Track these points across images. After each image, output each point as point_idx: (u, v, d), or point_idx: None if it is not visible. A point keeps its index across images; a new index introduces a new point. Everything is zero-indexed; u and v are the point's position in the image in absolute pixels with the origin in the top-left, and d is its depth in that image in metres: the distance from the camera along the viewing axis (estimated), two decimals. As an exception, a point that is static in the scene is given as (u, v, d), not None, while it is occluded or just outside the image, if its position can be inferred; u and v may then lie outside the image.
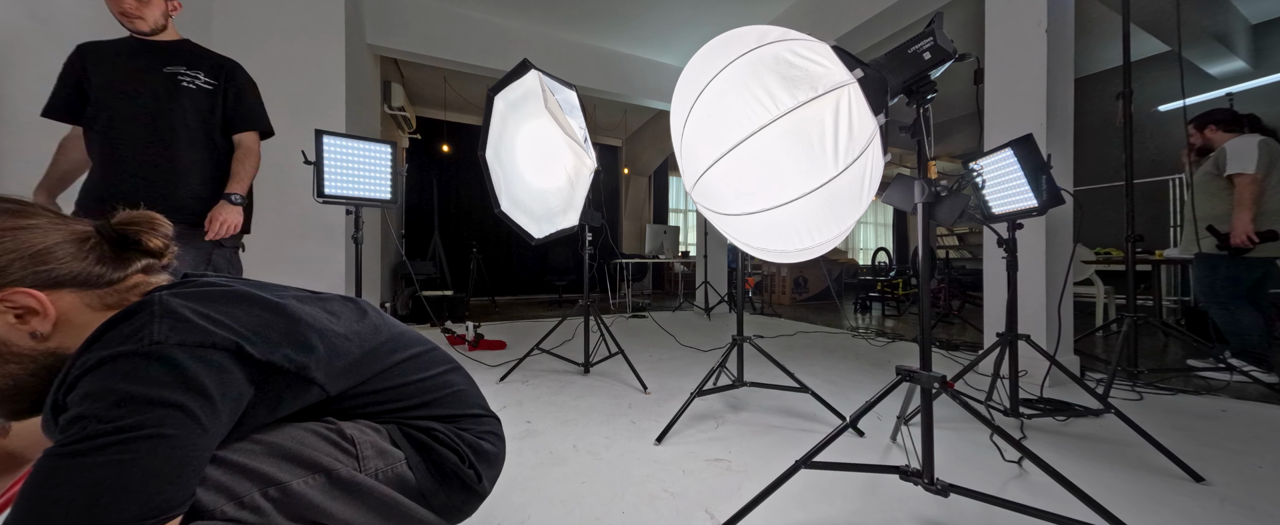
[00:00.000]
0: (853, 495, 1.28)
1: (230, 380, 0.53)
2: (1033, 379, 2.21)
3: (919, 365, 1.15)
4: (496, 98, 2.26)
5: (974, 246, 8.29)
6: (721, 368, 1.92)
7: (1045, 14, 2.37)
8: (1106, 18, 4.59)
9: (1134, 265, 2.29)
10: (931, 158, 1.09)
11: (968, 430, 1.73)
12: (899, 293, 5.71)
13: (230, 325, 0.55)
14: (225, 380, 0.53)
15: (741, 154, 1.05)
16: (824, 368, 2.77)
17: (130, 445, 0.46)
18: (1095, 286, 3.91)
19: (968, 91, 6.03)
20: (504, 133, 2.34)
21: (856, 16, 3.55)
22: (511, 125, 2.34)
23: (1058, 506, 1.04)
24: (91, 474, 0.44)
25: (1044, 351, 1.68)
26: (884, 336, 3.89)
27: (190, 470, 0.49)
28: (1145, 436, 1.47)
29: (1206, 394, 2.20)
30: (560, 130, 2.13)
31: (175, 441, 0.48)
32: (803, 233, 1.12)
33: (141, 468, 0.46)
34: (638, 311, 5.62)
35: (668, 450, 1.59)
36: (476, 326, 3.42)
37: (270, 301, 0.61)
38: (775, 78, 0.99)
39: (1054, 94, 2.39)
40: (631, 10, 4.34)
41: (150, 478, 0.46)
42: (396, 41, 4.14)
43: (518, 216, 2.35)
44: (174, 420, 0.48)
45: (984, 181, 1.70)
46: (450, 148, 6.84)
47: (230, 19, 2.96)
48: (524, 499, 1.28)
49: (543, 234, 2.42)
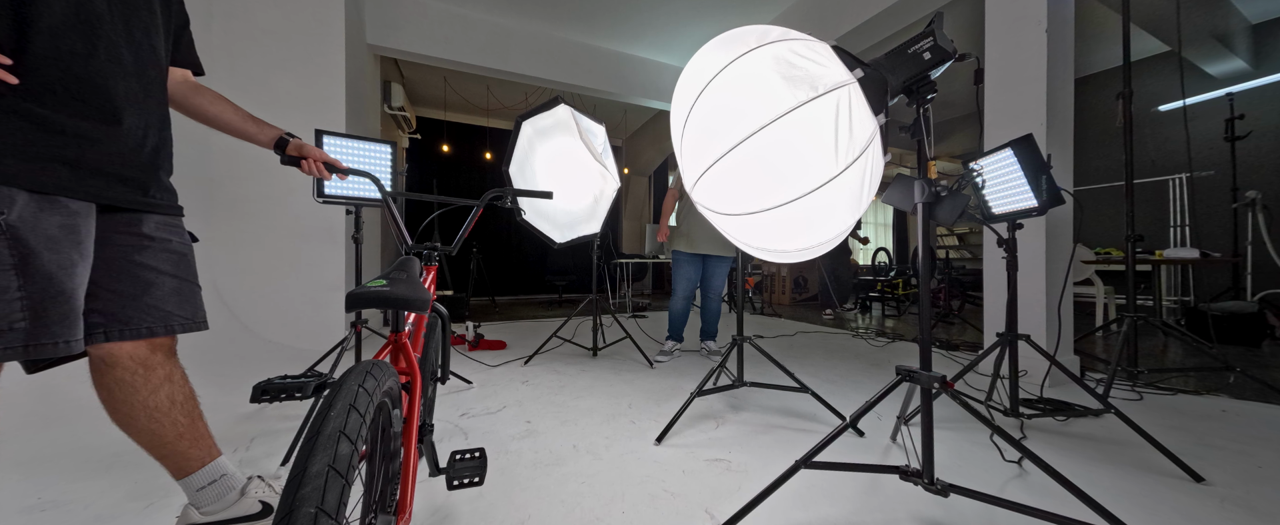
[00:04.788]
0: (853, 495, 1.28)
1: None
2: (1033, 379, 2.21)
3: (919, 365, 1.15)
4: (525, 124, 2.47)
5: (974, 246, 8.29)
6: (721, 368, 1.92)
7: (1045, 14, 2.37)
8: (1106, 18, 4.59)
9: (1134, 265, 2.30)
10: (931, 158, 1.09)
11: (968, 430, 1.73)
12: (899, 293, 5.72)
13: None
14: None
15: (742, 154, 1.05)
16: (824, 368, 2.77)
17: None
18: (1095, 286, 3.91)
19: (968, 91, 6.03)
20: (530, 152, 2.56)
21: (856, 16, 3.55)
22: (538, 147, 2.57)
23: (1058, 506, 1.04)
24: None
25: (1044, 351, 1.68)
26: (884, 336, 3.89)
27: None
28: (1145, 436, 1.47)
29: (1206, 394, 2.20)
30: (589, 154, 2.40)
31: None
32: (803, 233, 1.12)
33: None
34: (638, 311, 5.62)
35: (668, 450, 1.59)
36: (476, 326, 3.42)
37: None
38: (776, 77, 0.99)
39: (1054, 94, 2.39)
40: (631, 10, 4.34)
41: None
42: (396, 41, 4.14)
43: (541, 224, 2.54)
44: None
45: (984, 181, 1.70)
46: (450, 148, 6.84)
47: (230, 19, 2.96)
48: (524, 499, 1.28)
49: (564, 239, 2.65)
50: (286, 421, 1.81)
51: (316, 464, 0.55)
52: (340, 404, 0.61)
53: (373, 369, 0.71)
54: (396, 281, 0.82)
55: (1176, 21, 3.56)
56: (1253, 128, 4.60)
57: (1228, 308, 3.41)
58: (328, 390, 0.67)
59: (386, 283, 0.80)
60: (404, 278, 0.86)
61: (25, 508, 1.23)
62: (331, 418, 0.60)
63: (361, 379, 0.67)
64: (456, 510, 1.22)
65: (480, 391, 2.25)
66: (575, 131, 2.42)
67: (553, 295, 7.35)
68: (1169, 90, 5.36)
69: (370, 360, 0.73)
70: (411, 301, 0.79)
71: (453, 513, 1.21)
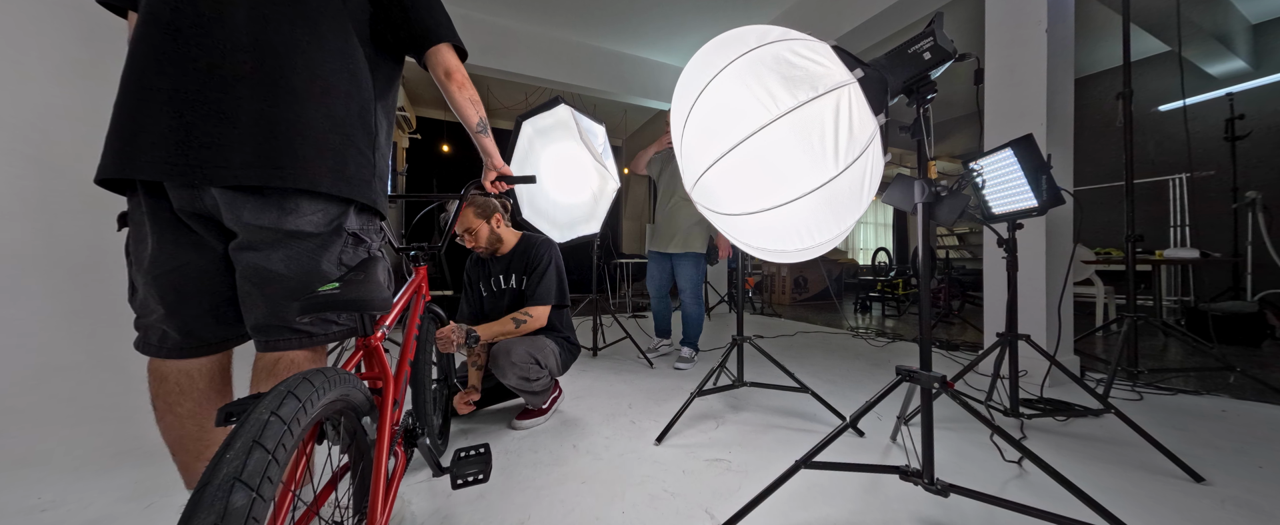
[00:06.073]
0: (853, 495, 1.28)
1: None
2: (1033, 379, 2.21)
3: (919, 365, 1.15)
4: (526, 124, 2.48)
5: (974, 246, 8.29)
6: (721, 368, 1.92)
7: (1045, 14, 2.37)
8: (1106, 18, 4.59)
9: (1134, 265, 2.29)
10: (931, 158, 1.09)
11: (968, 430, 1.73)
12: (899, 293, 5.71)
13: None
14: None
15: (742, 154, 1.05)
16: (824, 368, 2.77)
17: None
18: (1095, 286, 3.91)
19: (968, 91, 6.04)
20: (530, 152, 2.55)
21: (856, 16, 3.55)
22: (538, 147, 2.56)
23: (1058, 506, 1.04)
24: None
25: (1044, 351, 1.68)
26: (884, 336, 3.89)
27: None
28: (1145, 436, 1.47)
29: (1206, 394, 2.20)
30: (589, 154, 2.40)
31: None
32: (803, 233, 1.12)
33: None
34: (638, 311, 5.62)
35: (668, 450, 1.59)
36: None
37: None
38: (776, 77, 0.99)
39: (1054, 94, 2.38)
40: (631, 10, 4.33)
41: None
42: (396, 41, 4.13)
43: (540, 224, 2.56)
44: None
45: (984, 181, 1.70)
46: (450, 148, 6.84)
47: (230, 19, 2.95)
48: (524, 499, 1.28)
49: (564, 239, 2.64)
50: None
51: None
52: (239, 443, 0.51)
53: (305, 381, 0.61)
54: (351, 283, 0.80)
55: (1176, 21, 3.55)
56: (1253, 128, 4.60)
57: (1228, 308, 3.40)
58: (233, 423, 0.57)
59: (340, 285, 0.78)
60: (361, 278, 0.84)
61: (25, 508, 1.23)
62: (225, 462, 0.49)
63: (278, 402, 0.56)
64: (456, 510, 1.22)
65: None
66: (575, 131, 2.42)
67: (553, 295, 7.35)
68: (1169, 90, 5.36)
69: (304, 371, 0.65)
70: (367, 302, 0.76)
71: (452, 513, 1.21)
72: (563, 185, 2.58)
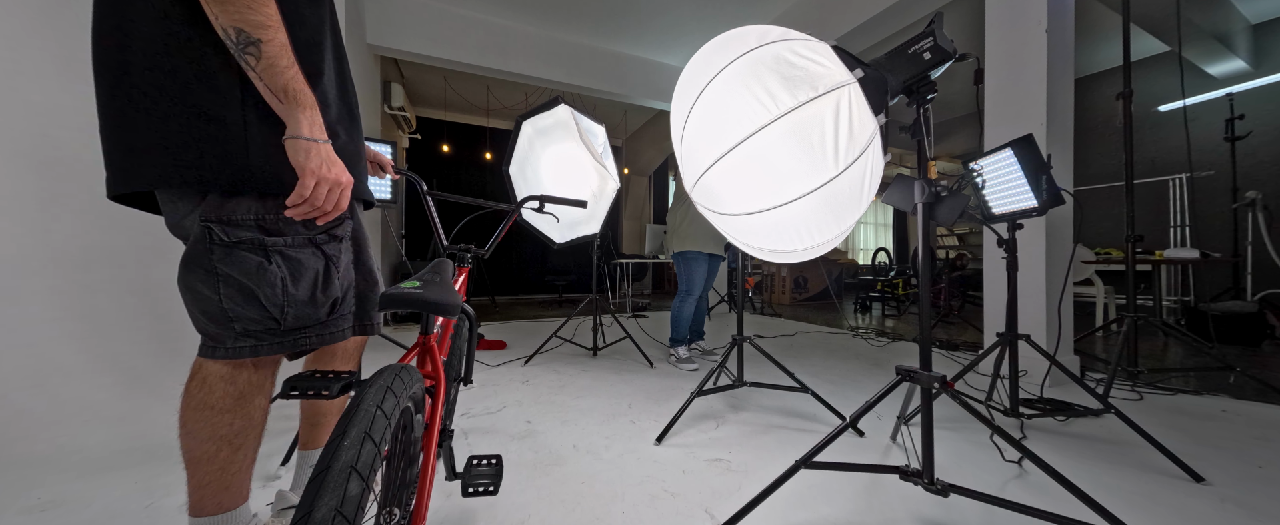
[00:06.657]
0: (853, 495, 1.28)
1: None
2: (1033, 379, 2.21)
3: (919, 365, 1.15)
4: (526, 123, 2.50)
5: (974, 246, 8.29)
6: (721, 368, 1.92)
7: (1045, 14, 2.37)
8: (1106, 18, 4.59)
9: (1134, 265, 2.30)
10: (931, 158, 1.09)
11: (968, 430, 1.73)
12: (899, 293, 5.72)
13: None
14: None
15: (742, 154, 1.05)
16: (824, 368, 2.77)
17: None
18: (1095, 286, 3.91)
19: (968, 91, 6.04)
20: (530, 152, 2.57)
21: (856, 16, 3.55)
22: (538, 146, 2.58)
23: (1058, 506, 1.04)
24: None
25: (1044, 351, 1.68)
26: (884, 336, 3.89)
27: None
28: (1145, 436, 1.47)
29: (1206, 394, 2.20)
30: (588, 154, 2.42)
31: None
32: (803, 233, 1.12)
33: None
34: (638, 311, 5.62)
35: (668, 450, 1.59)
36: (476, 326, 3.43)
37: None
38: (775, 77, 0.99)
39: (1054, 94, 2.39)
40: (631, 10, 4.33)
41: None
42: (396, 41, 4.14)
43: (540, 224, 2.55)
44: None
45: (984, 181, 1.70)
46: (450, 148, 6.84)
47: (230, 19, 2.95)
48: (524, 499, 1.28)
49: (564, 239, 2.65)
50: (286, 421, 1.81)
51: (321, 510, 0.50)
52: (354, 431, 0.56)
53: (398, 378, 0.67)
54: (429, 284, 0.80)
55: (1176, 22, 3.56)
56: (1253, 128, 4.60)
57: (1228, 308, 3.41)
58: (352, 395, 0.63)
59: (420, 285, 0.78)
60: (438, 281, 0.85)
61: (25, 508, 1.23)
62: (344, 448, 0.54)
63: (381, 396, 0.61)
64: (456, 509, 1.22)
65: (480, 391, 2.25)
66: (575, 131, 2.42)
67: (553, 295, 7.35)
68: (1169, 90, 5.36)
69: (396, 364, 0.70)
70: (444, 306, 0.77)
71: (452, 511, 1.21)
72: (563, 185, 2.59)
